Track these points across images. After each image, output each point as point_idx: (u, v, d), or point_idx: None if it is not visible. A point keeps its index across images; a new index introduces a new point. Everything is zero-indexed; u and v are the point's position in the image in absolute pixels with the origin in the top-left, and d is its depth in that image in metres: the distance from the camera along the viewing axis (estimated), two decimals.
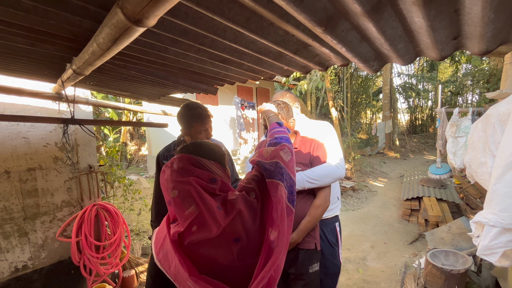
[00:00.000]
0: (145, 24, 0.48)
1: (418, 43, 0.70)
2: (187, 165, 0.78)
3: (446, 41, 0.67)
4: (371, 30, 0.63)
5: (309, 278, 1.44)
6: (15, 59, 0.99)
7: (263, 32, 0.71)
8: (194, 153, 0.83)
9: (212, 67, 1.10)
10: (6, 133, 1.95)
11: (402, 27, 0.65)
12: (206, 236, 0.74)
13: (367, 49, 0.76)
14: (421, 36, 0.65)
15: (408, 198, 4.58)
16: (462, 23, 0.59)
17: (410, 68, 17.67)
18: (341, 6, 0.56)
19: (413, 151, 12.39)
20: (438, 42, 0.66)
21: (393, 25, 0.64)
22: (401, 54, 0.75)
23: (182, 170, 0.77)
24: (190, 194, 0.74)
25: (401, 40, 0.69)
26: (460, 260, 2.51)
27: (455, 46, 0.68)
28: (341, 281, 2.82)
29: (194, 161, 0.80)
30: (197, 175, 0.77)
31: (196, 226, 0.75)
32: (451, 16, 0.59)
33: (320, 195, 1.43)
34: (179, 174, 0.77)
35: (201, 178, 0.77)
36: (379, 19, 0.60)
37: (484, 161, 1.79)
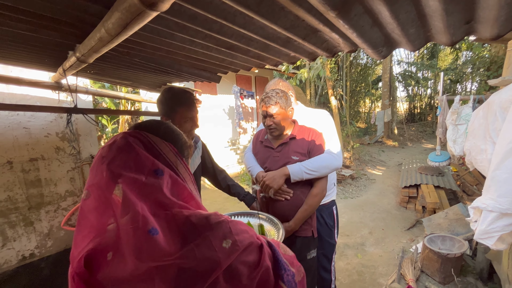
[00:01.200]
0: (159, 8, 0.47)
1: (429, 27, 0.70)
2: (127, 144, 0.54)
3: (459, 26, 0.66)
4: (384, 14, 0.62)
5: (307, 264, 1.49)
6: (15, 46, 0.97)
7: (274, 16, 0.69)
8: (143, 128, 0.60)
9: (217, 54, 1.09)
10: (7, 123, 1.93)
11: (416, 11, 0.64)
12: (122, 273, 0.46)
13: (377, 35, 0.75)
14: (434, 21, 0.64)
15: (406, 186, 4.65)
16: (477, 6, 0.58)
17: (410, 56, 17.49)
18: None
19: (411, 140, 12.46)
20: (450, 26, 0.65)
21: (407, 9, 0.63)
22: (412, 39, 0.75)
23: (118, 147, 0.53)
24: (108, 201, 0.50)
25: (413, 25, 0.68)
26: (457, 245, 2.58)
27: (467, 30, 0.68)
28: (340, 266, 2.90)
29: (140, 137, 0.56)
30: (135, 160, 0.52)
31: (112, 253, 0.48)
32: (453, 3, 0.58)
33: (318, 185, 1.45)
34: (108, 159, 0.52)
35: (140, 166, 0.52)
36: (394, 2, 0.59)
37: (484, 148, 1.81)
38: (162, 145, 0.57)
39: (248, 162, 1.60)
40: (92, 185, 0.51)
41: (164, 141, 0.58)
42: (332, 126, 1.64)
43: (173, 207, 0.51)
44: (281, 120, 1.41)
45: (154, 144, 0.56)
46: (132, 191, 0.49)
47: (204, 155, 1.65)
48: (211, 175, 1.69)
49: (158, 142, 0.57)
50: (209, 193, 5.21)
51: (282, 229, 1.23)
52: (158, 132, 0.59)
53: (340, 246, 3.34)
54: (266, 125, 1.44)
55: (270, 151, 1.51)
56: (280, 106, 1.38)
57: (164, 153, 0.57)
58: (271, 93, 1.40)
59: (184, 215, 0.50)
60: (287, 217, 1.42)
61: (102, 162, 0.52)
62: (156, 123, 0.62)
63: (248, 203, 1.62)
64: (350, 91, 14.39)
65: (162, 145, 0.57)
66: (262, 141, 1.58)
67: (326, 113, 1.71)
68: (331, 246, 1.82)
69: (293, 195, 1.42)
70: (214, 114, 6.95)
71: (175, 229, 0.49)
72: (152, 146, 0.56)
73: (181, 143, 0.63)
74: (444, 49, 16.45)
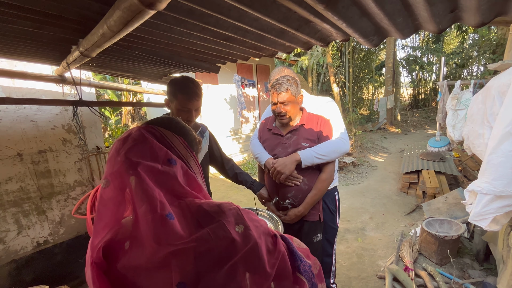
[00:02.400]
0: (157, 7, 0.50)
1: (416, 16, 0.72)
2: (142, 135, 0.57)
3: (444, 14, 0.68)
4: (370, 5, 0.65)
5: (313, 247, 1.55)
6: (21, 42, 1.00)
7: (267, 9, 0.72)
8: (154, 123, 0.63)
9: (215, 46, 1.11)
10: (15, 116, 1.99)
11: (401, 1, 0.66)
12: (140, 261, 0.49)
13: (367, 24, 0.78)
14: (419, 10, 0.67)
15: (407, 172, 4.69)
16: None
17: (415, 40, 17.06)
18: None
19: (414, 126, 12.38)
20: (435, 15, 0.67)
21: (392, 0, 0.65)
22: (400, 28, 0.77)
23: (134, 142, 0.56)
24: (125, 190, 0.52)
25: (400, 15, 0.70)
26: (454, 228, 2.65)
27: (452, 19, 0.70)
28: (340, 249, 3.00)
29: (153, 130, 0.59)
30: (151, 149, 0.55)
31: (130, 242, 0.51)
32: None
33: (326, 170, 1.48)
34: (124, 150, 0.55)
35: (155, 155, 0.55)
36: None
37: (482, 132, 1.83)
38: (173, 138, 0.60)
39: (255, 149, 1.61)
40: (112, 174, 0.54)
41: (175, 135, 0.61)
42: (337, 112, 1.67)
43: (187, 195, 0.55)
44: (291, 107, 1.41)
45: (166, 137, 0.59)
46: (150, 178, 0.52)
47: (212, 145, 1.67)
48: (219, 164, 1.72)
49: (169, 135, 0.60)
50: (212, 182, 5.30)
51: (281, 225, 1.25)
52: (169, 126, 0.62)
53: (340, 231, 3.43)
54: (276, 112, 1.44)
55: (279, 138, 1.52)
56: (290, 93, 1.38)
57: (175, 145, 0.60)
58: (281, 80, 1.39)
59: (196, 203, 0.54)
60: (296, 203, 1.46)
61: (119, 153, 0.54)
62: (167, 119, 0.65)
63: (256, 190, 1.64)
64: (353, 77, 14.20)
65: (173, 138, 0.60)
66: (270, 129, 1.59)
67: (330, 99, 1.73)
68: (333, 230, 1.88)
69: (302, 181, 1.45)
70: (215, 104, 6.96)
71: (189, 215, 0.52)
72: (164, 139, 0.59)
73: (191, 138, 0.66)
74: (450, 32, 16.00)
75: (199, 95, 1.33)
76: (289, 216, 1.46)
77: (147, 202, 0.49)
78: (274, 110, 1.45)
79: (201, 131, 1.60)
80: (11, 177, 2.01)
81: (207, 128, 1.66)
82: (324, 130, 1.46)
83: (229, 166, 1.72)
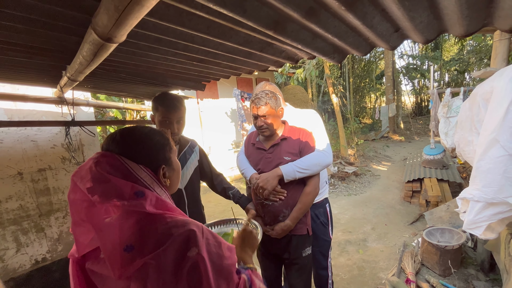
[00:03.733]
0: (115, 41, 0.56)
1: (366, 36, 0.76)
2: (103, 172, 0.59)
3: (389, 33, 0.73)
4: (316, 30, 0.70)
5: (302, 261, 1.54)
6: (16, 70, 1.08)
7: (226, 36, 0.78)
8: (120, 148, 0.64)
9: (192, 67, 1.18)
10: (16, 137, 2.08)
11: (344, 24, 0.71)
12: (109, 274, 0.56)
13: (322, 44, 0.83)
14: (364, 32, 0.71)
15: (409, 180, 4.63)
16: (394, 18, 0.66)
17: (415, 48, 17.21)
18: (283, 12, 0.62)
19: (418, 133, 12.27)
20: (382, 35, 0.72)
21: (334, 24, 0.70)
22: (355, 47, 0.82)
23: (95, 179, 0.58)
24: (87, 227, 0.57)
25: (348, 35, 0.75)
26: (455, 237, 2.58)
27: (401, 37, 0.75)
28: (341, 262, 2.94)
29: (117, 163, 0.61)
30: (115, 188, 0.57)
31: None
32: (377, 13, 0.65)
33: (310, 183, 1.48)
34: (87, 188, 0.57)
35: (120, 192, 0.57)
36: (317, 21, 0.66)
37: (471, 139, 1.84)
38: (139, 170, 0.63)
39: (241, 165, 1.64)
40: (75, 200, 0.59)
41: (140, 166, 0.63)
42: (321, 125, 1.69)
43: (156, 218, 0.58)
44: (272, 120, 1.44)
45: (132, 170, 0.62)
46: (118, 215, 0.55)
47: (202, 159, 1.70)
48: (209, 178, 1.75)
49: (135, 168, 0.62)
50: (213, 195, 5.30)
51: (260, 230, 1.25)
52: (133, 153, 0.64)
53: (341, 243, 3.38)
54: (257, 125, 1.47)
55: (263, 152, 1.54)
56: (270, 107, 1.42)
57: (141, 177, 0.62)
58: (260, 94, 1.44)
59: (163, 225, 0.57)
60: (282, 217, 1.46)
61: (83, 185, 0.58)
62: (126, 133, 0.66)
63: (243, 204, 1.65)
64: (355, 87, 14.30)
65: (139, 170, 0.63)
66: (254, 143, 1.61)
67: (313, 112, 1.76)
68: (326, 243, 1.86)
69: (287, 195, 1.45)
70: (217, 118, 7.08)
71: (152, 237, 0.55)
72: (130, 172, 0.61)
73: (154, 150, 0.68)
74: (449, 39, 16.13)
75: (178, 106, 1.40)
76: (276, 230, 1.46)
77: (109, 235, 0.55)
78: (255, 123, 1.48)
79: (191, 146, 1.65)
80: (11, 196, 2.07)
81: (197, 144, 1.71)
82: (306, 143, 1.48)
83: (218, 181, 1.75)
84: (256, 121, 1.46)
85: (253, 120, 1.49)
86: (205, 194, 5.02)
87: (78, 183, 0.59)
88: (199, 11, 0.59)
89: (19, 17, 0.58)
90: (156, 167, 0.67)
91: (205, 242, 0.58)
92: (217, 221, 1.44)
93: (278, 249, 1.55)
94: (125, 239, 0.54)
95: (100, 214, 0.56)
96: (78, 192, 0.59)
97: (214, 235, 0.63)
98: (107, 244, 0.54)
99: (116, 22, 0.47)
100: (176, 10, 0.63)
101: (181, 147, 1.57)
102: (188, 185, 1.58)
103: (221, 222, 1.43)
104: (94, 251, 0.59)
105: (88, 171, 0.59)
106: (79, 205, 0.58)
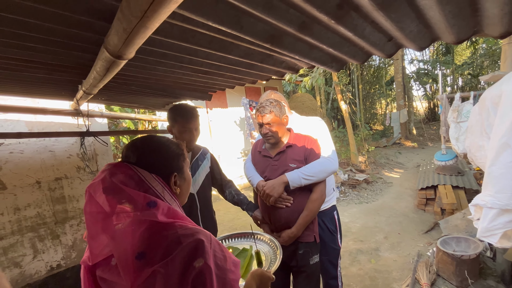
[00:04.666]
0: (125, 58, 0.62)
1: (361, 46, 0.79)
2: (118, 183, 0.61)
3: (383, 43, 0.75)
4: (311, 41, 0.73)
5: (310, 269, 1.52)
6: (37, 85, 1.18)
7: (227, 49, 0.83)
8: (138, 154, 0.67)
9: (198, 78, 1.24)
10: (35, 148, 2.20)
11: (338, 36, 0.74)
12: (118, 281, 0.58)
13: (319, 54, 0.86)
14: (358, 42, 0.74)
15: (423, 187, 4.50)
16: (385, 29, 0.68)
17: (425, 53, 16.98)
18: (277, 27, 0.66)
19: (432, 139, 11.94)
20: (376, 44, 0.74)
21: (328, 36, 0.73)
22: (351, 56, 0.84)
23: (110, 190, 0.60)
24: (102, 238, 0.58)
25: (343, 45, 0.78)
26: (472, 246, 2.48)
27: (395, 45, 0.77)
28: (352, 271, 2.87)
29: (130, 173, 0.63)
30: (128, 198, 0.59)
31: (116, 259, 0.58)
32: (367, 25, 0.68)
33: (317, 190, 1.48)
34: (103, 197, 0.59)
35: (133, 202, 0.59)
36: (311, 34, 0.70)
37: (482, 144, 1.79)
38: (151, 179, 0.65)
39: (248, 172, 1.66)
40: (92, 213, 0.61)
41: (153, 175, 0.65)
42: (326, 132, 1.70)
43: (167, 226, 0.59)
44: (276, 128, 1.47)
45: (145, 179, 0.63)
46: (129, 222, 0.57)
47: (213, 166, 1.76)
48: (219, 185, 1.80)
49: (147, 177, 0.64)
50: (222, 204, 5.31)
51: (280, 251, 1.22)
52: (147, 162, 0.66)
53: (353, 252, 3.30)
54: (262, 133, 1.50)
55: (269, 160, 1.56)
56: (274, 115, 1.44)
57: (153, 186, 0.64)
58: (265, 103, 1.46)
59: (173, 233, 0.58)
60: (289, 224, 1.46)
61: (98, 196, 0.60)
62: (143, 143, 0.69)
63: (250, 211, 1.68)
64: (364, 93, 14.16)
65: (151, 179, 0.65)
66: (260, 151, 1.63)
67: (318, 119, 1.78)
68: (335, 251, 1.83)
69: (293, 202, 1.46)
70: (226, 126, 7.18)
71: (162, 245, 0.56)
72: (143, 181, 0.63)
73: (168, 159, 0.70)
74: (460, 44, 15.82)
75: (196, 115, 1.50)
76: (283, 238, 1.46)
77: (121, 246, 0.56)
78: (260, 131, 1.51)
79: (203, 153, 1.71)
80: (29, 204, 2.18)
81: (208, 151, 1.78)
82: (311, 150, 1.49)
83: (227, 187, 1.79)
84: (261, 129, 1.49)
85: (259, 128, 1.52)
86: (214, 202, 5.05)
87: (94, 194, 0.61)
88: (200, 29, 0.63)
89: (41, 39, 0.65)
90: (169, 174, 0.70)
91: (212, 253, 0.59)
92: (236, 233, 1.45)
93: (286, 257, 1.54)
94: (136, 246, 0.55)
95: (114, 224, 0.58)
96: (94, 204, 0.61)
97: (222, 247, 0.64)
98: (120, 252, 0.56)
99: (125, 41, 0.52)
100: (180, 28, 0.69)
101: (193, 154, 1.64)
102: (200, 190, 1.63)
103: (240, 235, 1.44)
104: (106, 259, 0.61)
105: (102, 182, 0.61)
106: (95, 217, 0.60)
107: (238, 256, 1.24)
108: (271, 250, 1.30)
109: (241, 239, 1.41)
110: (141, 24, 0.45)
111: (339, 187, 5.55)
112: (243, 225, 4.44)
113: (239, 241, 1.41)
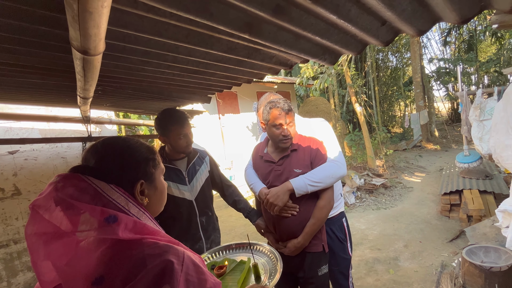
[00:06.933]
0: (92, 53, 0.59)
1: (352, 33, 0.71)
2: (67, 198, 0.51)
3: (376, 27, 0.67)
4: (292, 29, 0.67)
5: (318, 281, 1.42)
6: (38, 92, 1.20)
7: (207, 43, 0.78)
8: (95, 161, 0.58)
9: (190, 79, 1.21)
10: (48, 154, 2.29)
11: (322, 21, 0.67)
12: None
13: (308, 45, 0.79)
14: (347, 27, 0.66)
15: (446, 192, 4.20)
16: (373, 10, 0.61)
17: (445, 51, 16.24)
18: (250, 13, 0.61)
19: (456, 141, 11.27)
20: (367, 29, 0.67)
21: (311, 21, 0.66)
22: (344, 45, 0.76)
23: (59, 206, 0.50)
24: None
25: (331, 33, 0.71)
26: (503, 257, 2.24)
27: (391, 30, 0.69)
28: (368, 282, 2.70)
29: (83, 185, 0.54)
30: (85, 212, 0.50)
31: None
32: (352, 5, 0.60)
33: (324, 196, 1.38)
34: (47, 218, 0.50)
35: (87, 219, 0.50)
36: (290, 19, 0.63)
37: (508, 143, 1.62)
38: (110, 191, 0.55)
39: (249, 179, 1.54)
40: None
41: (111, 186, 0.56)
42: (331, 133, 1.60)
43: (132, 244, 0.51)
44: (294, 127, 1.37)
45: (102, 192, 0.54)
46: (85, 242, 0.49)
47: (213, 170, 1.70)
48: (220, 189, 1.74)
49: (105, 188, 0.55)
50: (222, 211, 5.24)
51: (280, 263, 1.15)
52: (106, 168, 0.58)
53: (369, 261, 3.11)
54: (283, 135, 1.34)
55: (272, 165, 1.45)
56: (293, 113, 1.35)
57: (113, 199, 0.55)
58: (283, 101, 1.34)
59: (138, 253, 0.51)
60: (295, 233, 1.37)
61: (46, 213, 0.51)
62: (104, 152, 0.60)
63: (252, 219, 1.59)
64: (381, 95, 13.72)
65: (110, 191, 0.55)
66: (262, 156, 1.52)
67: (322, 120, 1.68)
68: (346, 261, 1.70)
69: (299, 210, 1.36)
70: (238, 132, 7.19)
71: (124, 267, 0.49)
72: (100, 194, 0.54)
73: (133, 164, 0.61)
74: (484, 40, 15.00)
75: (187, 118, 1.41)
76: (289, 248, 1.37)
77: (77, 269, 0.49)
78: (280, 133, 1.34)
79: (200, 157, 1.66)
80: None
81: (207, 154, 1.72)
82: (317, 153, 1.39)
83: (229, 192, 1.73)
84: (281, 130, 1.33)
85: (276, 129, 1.34)
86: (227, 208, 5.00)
87: (40, 211, 0.51)
88: (169, 19, 0.60)
89: (17, 39, 0.64)
90: (134, 183, 0.60)
91: (184, 278, 0.51)
92: (234, 243, 1.39)
93: (292, 268, 1.45)
94: (94, 270, 0.48)
95: (63, 247, 0.49)
96: (37, 223, 0.51)
97: (198, 269, 0.55)
98: (70, 279, 0.48)
99: (80, 33, 0.49)
100: (150, 20, 0.65)
101: (189, 158, 1.58)
102: (199, 196, 1.58)
103: (238, 246, 1.38)
104: (59, 285, 0.51)
105: (48, 197, 0.52)
106: (43, 239, 0.50)
107: (235, 269, 1.17)
108: (271, 262, 1.22)
109: (239, 250, 1.34)
110: (82, 8, 0.41)
111: (355, 192, 5.33)
112: (255, 231, 4.36)
113: (237, 252, 1.33)
